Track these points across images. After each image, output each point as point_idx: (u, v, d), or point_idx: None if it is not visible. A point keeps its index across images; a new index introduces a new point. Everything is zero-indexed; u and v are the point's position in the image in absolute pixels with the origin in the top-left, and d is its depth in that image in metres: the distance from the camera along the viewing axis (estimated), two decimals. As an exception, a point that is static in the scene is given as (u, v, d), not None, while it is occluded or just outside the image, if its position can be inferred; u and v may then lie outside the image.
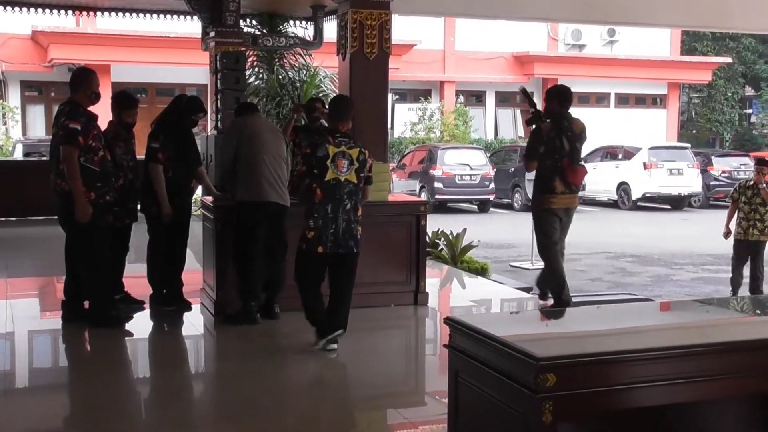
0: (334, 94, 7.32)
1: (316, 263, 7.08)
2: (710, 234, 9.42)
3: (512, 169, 24.27)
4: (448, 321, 3.88)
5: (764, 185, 10.65)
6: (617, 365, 3.29)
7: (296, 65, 14.44)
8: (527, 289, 10.72)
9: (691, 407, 3.81)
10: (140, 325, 8.35)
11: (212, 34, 11.08)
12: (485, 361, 3.54)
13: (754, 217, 10.73)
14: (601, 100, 34.12)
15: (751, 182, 10.88)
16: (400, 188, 23.66)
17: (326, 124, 7.20)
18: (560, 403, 3.17)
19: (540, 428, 3.18)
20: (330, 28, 11.63)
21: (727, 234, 11.12)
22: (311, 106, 9.41)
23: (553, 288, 8.81)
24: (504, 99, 32.96)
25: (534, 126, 8.65)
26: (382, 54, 8.95)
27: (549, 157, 8.43)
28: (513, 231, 17.66)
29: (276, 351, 7.57)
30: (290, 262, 8.20)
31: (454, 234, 12.58)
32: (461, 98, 32.03)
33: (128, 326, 8.12)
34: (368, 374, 6.99)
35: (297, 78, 14.34)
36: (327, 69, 14.76)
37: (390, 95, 28.68)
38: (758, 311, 4.86)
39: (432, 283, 9.87)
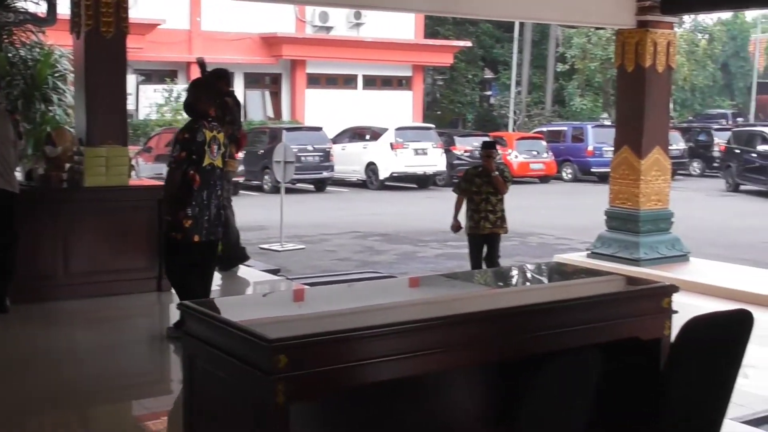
0: (194, 79, 7.06)
1: (191, 253, 6.86)
2: (454, 211, 9.59)
3: (261, 151, 24.21)
4: (181, 306, 3.78)
5: (496, 173, 9.33)
6: (348, 343, 3.29)
7: (28, 43, 13.65)
8: (275, 271, 10.73)
9: (431, 378, 3.89)
10: None
11: (-72, 6, 10.26)
12: (219, 345, 3.46)
13: (485, 208, 9.36)
14: (348, 81, 34.62)
15: (480, 169, 9.49)
16: (147, 172, 23.02)
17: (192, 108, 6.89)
18: (293, 383, 3.13)
19: (274, 410, 3.13)
20: (64, 4, 11.07)
21: (456, 227, 9.64)
22: None
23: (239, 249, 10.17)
24: (253, 80, 32.81)
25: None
26: (119, 33, 8.62)
27: (231, 126, 9.48)
28: (262, 213, 17.62)
29: (7, 347, 7.14)
30: (22, 250, 7.82)
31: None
32: (209, 79, 31.53)
33: None
34: (111, 366, 6.73)
35: (29, 56, 13.56)
36: (64, 47, 14.06)
37: (134, 76, 27.88)
38: (500, 283, 5.03)
39: (178, 268, 9.66)
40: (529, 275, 5.25)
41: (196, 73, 32.44)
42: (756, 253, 13.92)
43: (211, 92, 7.01)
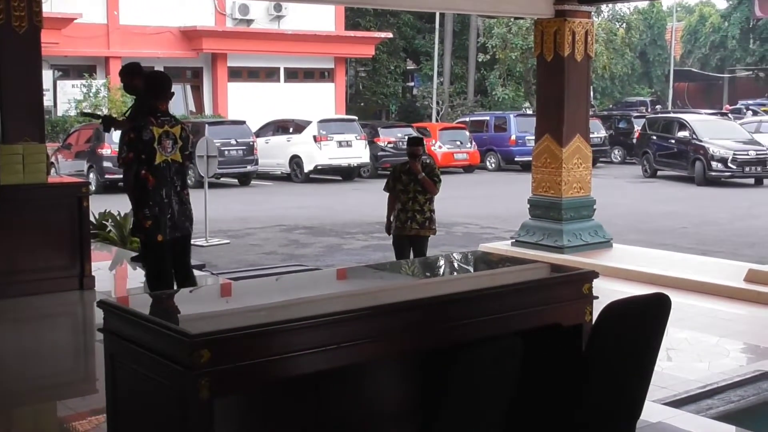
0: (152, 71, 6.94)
1: (159, 253, 6.81)
2: (379, 203, 9.47)
3: (184, 146, 23.92)
4: (101, 304, 3.71)
5: (423, 174, 8.80)
6: (271, 336, 3.26)
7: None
8: (200, 266, 10.64)
9: (354, 369, 3.88)
10: None
11: None
12: (141, 342, 3.41)
13: (413, 208, 8.87)
14: (270, 74, 34.41)
15: (408, 166, 8.96)
16: (67, 169, 22.66)
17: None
18: (217, 378, 3.11)
19: (198, 405, 3.10)
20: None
21: (390, 229, 9.21)
22: None
23: None
24: (173, 75, 32.32)
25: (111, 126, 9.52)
26: (32, 27, 8.44)
27: None
28: (187, 208, 17.40)
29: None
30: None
31: (122, 215, 12.18)
32: (129, 75, 31.06)
33: None
34: (34, 367, 6.60)
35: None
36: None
37: (51, 71, 27.36)
38: (426, 273, 5.04)
39: (101, 266, 9.58)
40: (455, 265, 5.28)
41: (116, 68, 32.07)
42: (675, 238, 14.23)
43: (158, 88, 6.88)
